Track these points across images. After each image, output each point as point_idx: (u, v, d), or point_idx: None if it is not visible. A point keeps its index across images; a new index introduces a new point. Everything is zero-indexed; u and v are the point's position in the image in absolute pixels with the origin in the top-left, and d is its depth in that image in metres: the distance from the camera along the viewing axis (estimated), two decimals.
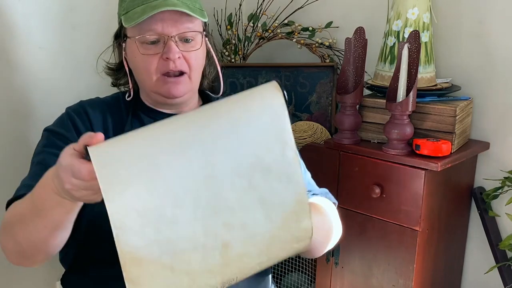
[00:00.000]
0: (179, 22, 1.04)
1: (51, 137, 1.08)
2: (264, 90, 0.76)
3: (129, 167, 0.70)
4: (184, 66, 1.06)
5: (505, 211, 1.54)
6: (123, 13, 1.07)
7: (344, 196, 1.52)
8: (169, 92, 1.07)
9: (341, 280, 1.59)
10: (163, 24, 1.03)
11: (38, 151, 1.09)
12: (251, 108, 0.75)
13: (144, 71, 1.07)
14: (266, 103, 0.75)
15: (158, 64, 1.05)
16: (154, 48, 1.05)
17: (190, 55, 1.07)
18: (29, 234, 0.91)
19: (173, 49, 1.04)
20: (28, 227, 0.90)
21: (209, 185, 0.72)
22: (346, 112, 1.50)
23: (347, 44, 1.50)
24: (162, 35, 1.04)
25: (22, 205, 0.93)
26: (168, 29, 1.04)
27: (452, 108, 1.41)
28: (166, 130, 0.73)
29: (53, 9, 1.48)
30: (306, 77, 1.80)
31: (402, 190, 1.41)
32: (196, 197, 0.72)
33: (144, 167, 0.70)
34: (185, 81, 1.08)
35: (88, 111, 1.11)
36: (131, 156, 0.70)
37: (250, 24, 1.86)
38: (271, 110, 0.75)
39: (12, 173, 1.41)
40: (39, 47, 1.46)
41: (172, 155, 0.71)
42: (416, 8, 1.46)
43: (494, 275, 1.58)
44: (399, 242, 1.45)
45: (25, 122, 1.47)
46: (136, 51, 1.06)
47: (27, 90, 1.46)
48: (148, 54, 1.05)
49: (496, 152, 1.57)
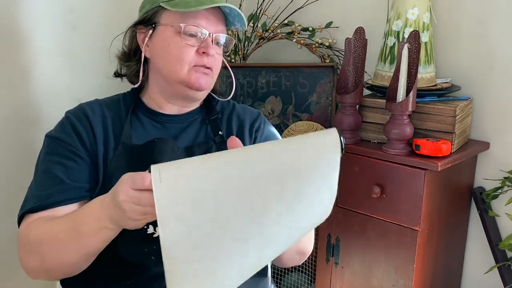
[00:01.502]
0: (218, 24, 1.11)
1: (53, 144, 1.09)
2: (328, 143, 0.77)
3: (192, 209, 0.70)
4: (213, 64, 1.11)
5: (505, 211, 1.54)
6: (165, 0, 1.09)
7: (344, 196, 1.52)
8: (198, 81, 1.10)
9: (341, 280, 1.59)
10: (207, 21, 1.09)
11: (41, 159, 1.09)
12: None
13: (177, 60, 1.09)
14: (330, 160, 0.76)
15: (194, 56, 1.09)
16: (192, 40, 1.09)
17: (219, 57, 1.13)
18: (59, 256, 0.94)
19: (212, 45, 1.09)
20: (60, 249, 0.93)
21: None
22: (346, 112, 1.50)
23: (347, 44, 1.50)
24: (205, 30, 1.08)
25: (57, 225, 0.95)
26: (210, 26, 1.09)
27: (452, 108, 1.41)
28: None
29: (53, 9, 1.48)
30: (306, 77, 1.80)
31: (402, 190, 1.41)
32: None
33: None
34: (211, 76, 1.13)
35: (88, 114, 1.11)
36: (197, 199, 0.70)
37: (250, 24, 1.86)
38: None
39: (14, 173, 1.41)
40: (39, 47, 1.46)
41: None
42: (416, 8, 1.46)
43: (494, 275, 1.58)
44: (399, 242, 1.45)
45: (25, 122, 1.47)
46: (172, 38, 1.08)
47: (27, 89, 1.46)
48: (187, 44, 1.08)
49: (496, 152, 1.57)
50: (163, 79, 1.12)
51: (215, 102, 1.22)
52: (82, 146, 1.06)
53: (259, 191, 0.72)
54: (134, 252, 1.03)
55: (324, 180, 0.76)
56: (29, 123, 1.48)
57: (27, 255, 0.98)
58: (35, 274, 1.01)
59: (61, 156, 1.05)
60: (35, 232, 0.97)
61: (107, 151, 1.08)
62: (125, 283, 1.05)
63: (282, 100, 1.84)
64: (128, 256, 1.03)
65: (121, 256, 1.03)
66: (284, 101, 1.83)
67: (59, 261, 0.95)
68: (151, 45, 1.12)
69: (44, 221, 0.98)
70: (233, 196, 0.71)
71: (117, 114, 1.13)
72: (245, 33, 1.87)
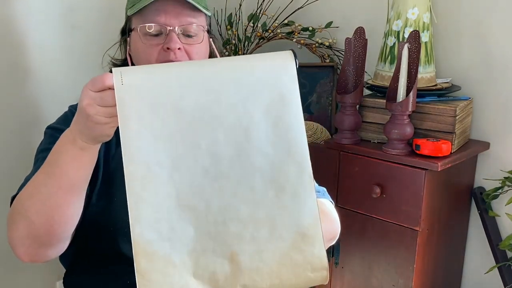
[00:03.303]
0: (181, 15, 1.05)
1: (54, 134, 1.07)
2: (277, 55, 0.78)
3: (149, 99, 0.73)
4: (184, 58, 1.07)
5: (505, 211, 1.54)
6: (130, 7, 1.09)
7: (344, 196, 1.52)
8: None
9: (341, 280, 1.59)
10: (166, 16, 1.05)
11: (41, 148, 1.08)
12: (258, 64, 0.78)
13: (145, 61, 1.08)
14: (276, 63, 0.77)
15: (158, 55, 1.06)
16: (156, 39, 1.06)
17: (192, 48, 1.07)
18: (42, 204, 0.89)
19: (174, 39, 1.04)
20: (42, 195, 0.89)
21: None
22: (346, 112, 1.50)
23: (347, 44, 1.50)
24: (165, 26, 1.05)
25: (35, 178, 0.92)
26: (170, 20, 1.05)
27: (452, 108, 1.41)
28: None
29: (53, 9, 1.48)
30: (306, 77, 1.79)
31: (402, 190, 1.41)
32: (207, 200, 0.74)
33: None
34: None
35: None
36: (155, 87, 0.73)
37: (250, 24, 1.86)
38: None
39: (13, 170, 1.41)
40: (39, 47, 1.46)
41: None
42: (416, 8, 1.46)
43: (494, 275, 1.58)
44: (399, 242, 1.44)
45: (25, 121, 1.47)
46: (139, 42, 1.07)
47: (27, 89, 1.46)
48: (150, 44, 1.06)
49: (496, 152, 1.57)
50: None
51: None
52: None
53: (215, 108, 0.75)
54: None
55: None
56: (29, 123, 1.48)
57: (13, 224, 0.93)
58: (24, 247, 0.94)
59: None
60: (17, 199, 0.94)
61: (109, 147, 1.07)
62: (126, 281, 1.05)
63: None
64: (130, 252, 1.03)
65: (122, 253, 1.03)
66: None
67: (45, 214, 0.90)
68: (132, 52, 1.12)
69: (25, 186, 0.95)
70: (192, 109, 0.74)
71: None
72: (245, 33, 1.87)
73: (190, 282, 0.73)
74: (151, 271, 0.72)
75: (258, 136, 0.76)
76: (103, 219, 1.04)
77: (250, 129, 0.75)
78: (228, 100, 0.75)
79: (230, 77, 0.75)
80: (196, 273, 0.74)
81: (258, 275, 0.75)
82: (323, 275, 0.78)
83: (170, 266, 0.72)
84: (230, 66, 0.77)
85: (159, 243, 0.72)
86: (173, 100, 0.73)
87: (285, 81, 0.76)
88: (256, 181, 0.76)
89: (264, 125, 0.76)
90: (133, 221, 0.72)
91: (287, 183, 0.76)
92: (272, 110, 0.76)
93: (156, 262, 0.72)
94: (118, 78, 0.72)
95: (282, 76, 0.76)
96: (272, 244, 0.76)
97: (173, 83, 0.74)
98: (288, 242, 0.76)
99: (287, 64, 0.77)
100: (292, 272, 0.77)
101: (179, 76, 0.75)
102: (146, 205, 0.73)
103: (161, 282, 0.72)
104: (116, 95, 0.72)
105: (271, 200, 0.76)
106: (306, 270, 0.77)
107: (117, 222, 1.03)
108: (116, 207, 1.03)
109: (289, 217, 0.76)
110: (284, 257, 0.76)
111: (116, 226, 1.04)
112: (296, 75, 0.77)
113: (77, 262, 1.13)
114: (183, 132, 0.74)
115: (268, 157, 0.76)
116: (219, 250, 0.74)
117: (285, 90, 0.76)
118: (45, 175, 0.90)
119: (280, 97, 0.76)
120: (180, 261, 0.73)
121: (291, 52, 0.77)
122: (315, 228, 0.76)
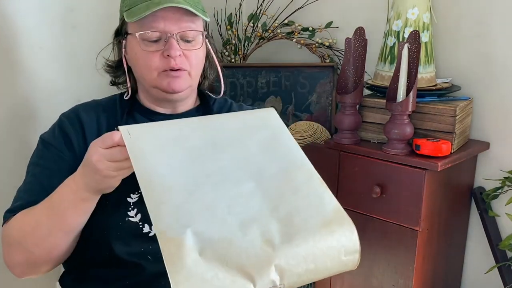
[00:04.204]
0: (180, 21, 1.05)
1: (43, 149, 1.11)
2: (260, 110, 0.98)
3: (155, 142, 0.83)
4: (184, 64, 1.07)
5: (505, 211, 1.54)
6: (126, 9, 1.07)
7: (344, 196, 1.52)
8: (170, 87, 1.07)
9: (341, 280, 1.59)
10: (165, 22, 1.04)
11: (32, 161, 1.11)
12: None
13: (144, 68, 1.08)
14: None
15: (159, 62, 1.06)
16: (155, 45, 1.06)
17: (191, 53, 1.08)
18: (43, 242, 0.95)
19: (174, 46, 1.04)
20: (43, 234, 0.94)
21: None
22: (346, 112, 1.50)
23: (347, 44, 1.50)
24: (164, 33, 1.05)
25: (37, 212, 0.96)
26: (170, 26, 1.05)
27: (452, 108, 1.41)
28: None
29: (53, 9, 1.48)
30: (306, 77, 1.80)
31: (402, 190, 1.41)
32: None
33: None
34: (185, 76, 1.09)
35: (81, 116, 1.11)
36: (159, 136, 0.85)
37: (250, 24, 1.86)
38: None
39: (11, 173, 1.40)
40: (39, 47, 1.46)
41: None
42: (416, 8, 1.46)
43: (494, 275, 1.58)
44: (399, 242, 1.44)
45: (25, 122, 1.47)
46: (137, 47, 1.07)
47: (27, 90, 1.46)
48: (149, 51, 1.06)
49: (496, 152, 1.57)
50: (143, 85, 1.13)
51: (212, 102, 1.22)
52: (70, 151, 1.07)
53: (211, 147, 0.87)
54: (130, 252, 1.03)
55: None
56: (28, 123, 1.48)
57: (11, 250, 0.99)
58: (21, 269, 1.01)
59: (49, 160, 1.07)
60: (16, 225, 0.98)
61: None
62: (122, 284, 1.05)
63: (282, 100, 1.84)
64: (125, 255, 1.03)
65: (117, 256, 1.03)
66: (284, 101, 1.83)
67: (44, 248, 0.95)
68: (127, 55, 1.12)
69: (24, 214, 0.99)
70: (196, 145, 0.86)
71: (112, 116, 1.14)
72: (245, 33, 1.87)
73: (219, 271, 0.72)
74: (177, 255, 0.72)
75: (258, 160, 0.87)
76: (96, 223, 1.04)
77: (250, 160, 0.86)
78: (223, 141, 0.87)
79: (223, 123, 0.91)
80: (224, 259, 0.73)
81: (294, 259, 0.76)
82: (355, 258, 0.84)
83: (197, 254, 0.72)
84: (223, 117, 0.94)
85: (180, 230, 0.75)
86: (176, 139, 0.85)
87: (271, 120, 0.94)
88: (271, 185, 0.83)
89: (261, 156, 0.88)
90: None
91: (300, 185, 0.85)
92: (265, 142, 0.89)
93: (181, 249, 0.72)
94: (126, 134, 0.83)
95: (268, 119, 0.94)
96: (305, 231, 0.79)
97: (175, 129, 0.87)
98: (319, 226, 0.80)
99: (269, 111, 0.96)
100: (326, 254, 0.79)
101: (179, 125, 0.89)
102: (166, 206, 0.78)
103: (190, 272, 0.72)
104: (126, 142, 0.81)
105: (290, 197, 0.82)
106: (340, 253, 0.81)
107: (110, 225, 1.04)
108: (108, 210, 1.04)
109: (314, 207, 0.83)
110: (319, 240, 0.78)
111: (109, 230, 1.04)
112: (278, 116, 0.95)
113: (75, 262, 1.13)
114: (193, 161, 0.83)
115: (275, 170, 0.85)
116: (249, 237, 0.76)
117: (274, 126, 0.93)
118: (47, 216, 0.95)
119: (272, 132, 0.92)
120: (210, 251, 0.74)
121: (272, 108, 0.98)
122: (340, 213, 0.84)
